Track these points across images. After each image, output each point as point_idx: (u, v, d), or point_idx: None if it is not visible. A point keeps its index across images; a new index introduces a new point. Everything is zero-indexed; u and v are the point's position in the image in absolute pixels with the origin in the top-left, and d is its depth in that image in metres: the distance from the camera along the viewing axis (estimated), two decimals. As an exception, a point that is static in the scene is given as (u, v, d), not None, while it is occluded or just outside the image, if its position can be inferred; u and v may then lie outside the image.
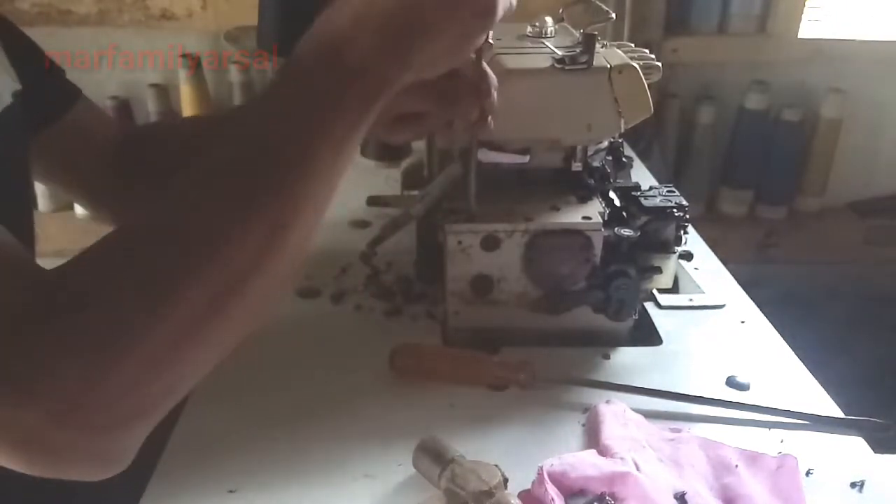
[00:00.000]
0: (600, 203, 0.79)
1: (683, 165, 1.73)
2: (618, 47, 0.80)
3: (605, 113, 0.74)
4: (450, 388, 0.72)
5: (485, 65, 0.62)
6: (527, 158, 0.78)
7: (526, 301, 0.78)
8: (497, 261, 0.76)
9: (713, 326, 0.84)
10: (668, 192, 0.80)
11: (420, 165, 0.97)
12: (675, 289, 0.89)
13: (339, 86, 0.45)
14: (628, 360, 0.77)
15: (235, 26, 1.35)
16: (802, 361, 0.78)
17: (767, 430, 0.68)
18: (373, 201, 1.09)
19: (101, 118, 0.79)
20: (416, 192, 0.95)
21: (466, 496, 0.56)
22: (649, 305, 0.86)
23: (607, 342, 0.79)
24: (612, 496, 0.58)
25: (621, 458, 0.61)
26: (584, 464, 0.60)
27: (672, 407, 0.70)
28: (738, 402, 0.70)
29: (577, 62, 0.73)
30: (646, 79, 0.74)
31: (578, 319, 0.78)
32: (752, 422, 0.69)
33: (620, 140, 0.88)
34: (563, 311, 0.78)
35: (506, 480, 0.58)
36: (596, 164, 0.82)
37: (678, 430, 0.67)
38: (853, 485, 0.62)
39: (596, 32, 0.73)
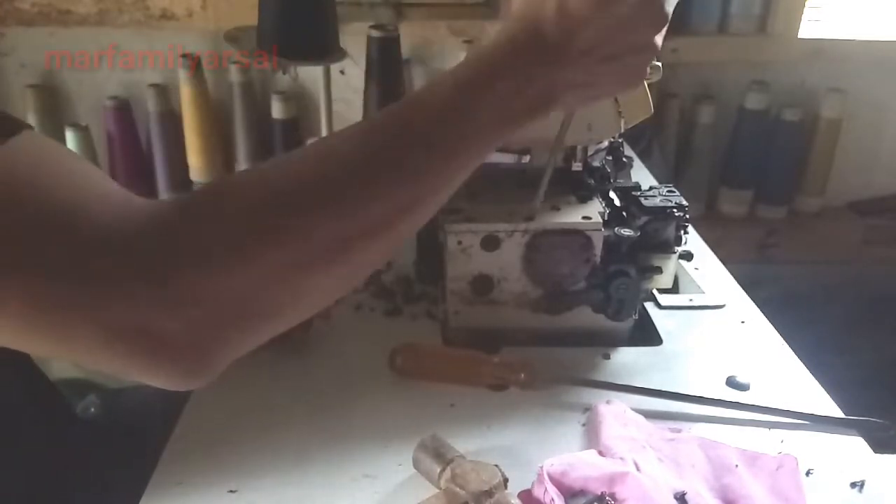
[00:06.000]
0: (600, 203, 0.79)
1: (683, 165, 1.73)
2: (618, 47, 0.80)
3: (605, 113, 0.74)
4: (450, 388, 0.72)
5: None
6: (527, 158, 0.78)
7: (526, 301, 0.78)
8: (497, 261, 0.76)
9: (713, 326, 0.84)
10: (668, 192, 0.80)
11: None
12: (675, 289, 0.89)
13: (515, 94, 0.48)
14: (628, 360, 0.77)
15: (235, 26, 1.35)
16: (802, 361, 0.78)
17: (767, 430, 0.68)
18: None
19: None
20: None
21: (466, 496, 0.56)
22: (649, 305, 0.86)
23: (607, 342, 0.79)
24: (612, 496, 0.58)
25: (621, 459, 0.61)
26: (584, 464, 0.60)
27: (672, 407, 0.70)
28: (738, 402, 0.70)
29: (577, 62, 0.73)
30: (646, 79, 0.74)
31: (578, 319, 0.78)
32: (752, 422, 0.69)
33: (620, 140, 0.88)
34: (563, 311, 0.78)
35: (506, 480, 0.58)
36: (596, 164, 0.82)
37: (678, 430, 0.67)
38: (853, 485, 0.62)
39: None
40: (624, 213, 0.80)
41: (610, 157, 0.85)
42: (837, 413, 0.70)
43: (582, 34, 0.49)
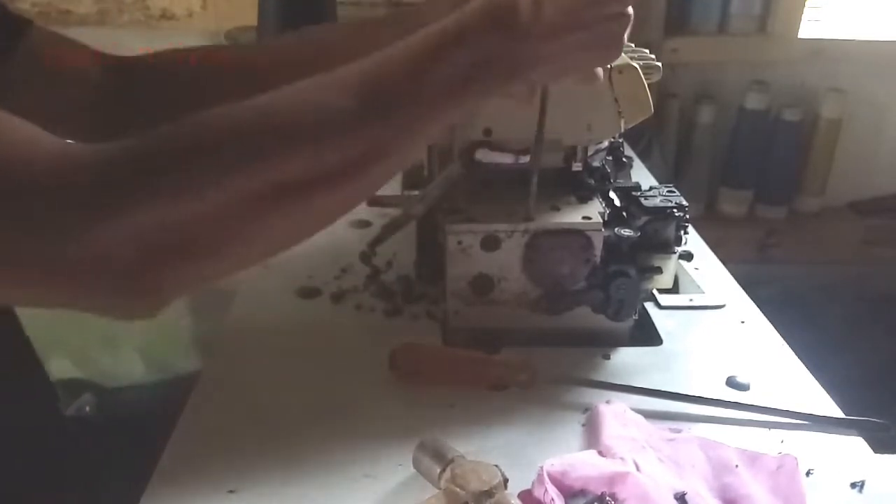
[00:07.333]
0: (600, 203, 0.79)
1: (683, 165, 1.73)
2: (618, 47, 0.80)
3: (605, 113, 0.74)
4: (450, 389, 0.72)
5: None
6: (527, 158, 0.78)
7: (526, 301, 0.78)
8: (497, 261, 0.76)
9: (713, 326, 0.84)
10: (668, 192, 0.80)
11: (420, 165, 0.97)
12: (675, 289, 0.89)
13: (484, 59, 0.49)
14: (628, 360, 0.77)
15: (235, 26, 1.35)
16: (802, 361, 0.78)
17: (767, 430, 0.68)
18: (373, 201, 1.09)
19: (69, 49, 0.69)
20: (416, 192, 0.95)
21: (466, 496, 0.56)
22: (649, 305, 0.86)
23: (607, 342, 0.79)
24: (613, 496, 0.58)
25: (621, 459, 0.61)
26: (584, 464, 0.60)
27: (672, 407, 0.70)
28: (738, 402, 0.70)
29: (577, 62, 0.73)
30: (646, 79, 0.74)
31: (578, 319, 0.78)
32: (752, 422, 0.69)
33: (620, 140, 0.88)
34: (563, 311, 0.78)
35: (506, 480, 0.58)
36: (596, 164, 0.82)
37: (678, 430, 0.67)
38: (853, 485, 0.62)
39: (596, 32, 0.73)
40: (624, 213, 0.80)
41: (610, 157, 0.85)
42: (837, 413, 0.70)
43: (552, 6, 0.49)
